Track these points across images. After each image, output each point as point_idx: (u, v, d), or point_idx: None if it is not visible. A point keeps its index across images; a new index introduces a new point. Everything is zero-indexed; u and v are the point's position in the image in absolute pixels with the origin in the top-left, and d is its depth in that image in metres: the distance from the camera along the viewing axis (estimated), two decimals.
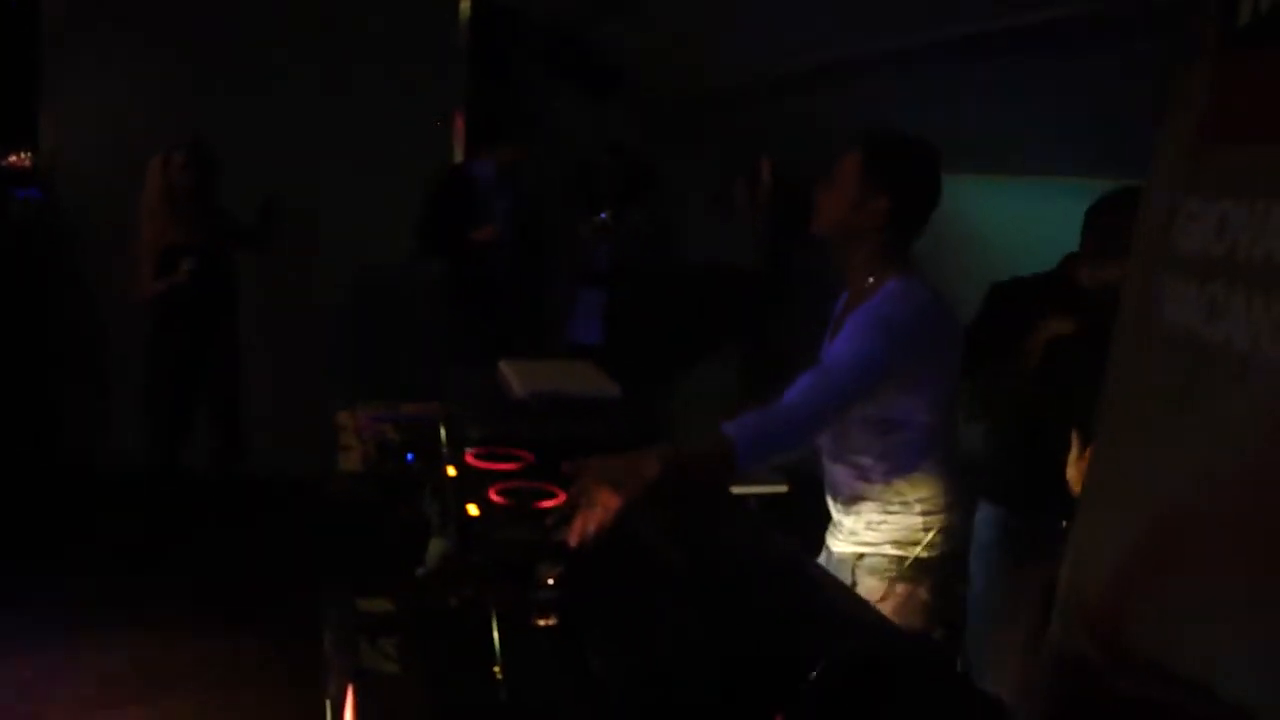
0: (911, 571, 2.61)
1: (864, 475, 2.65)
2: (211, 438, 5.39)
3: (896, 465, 2.61)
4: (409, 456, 2.87)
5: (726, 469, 2.35)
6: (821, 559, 2.80)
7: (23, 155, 6.84)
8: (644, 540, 2.31)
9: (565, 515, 2.23)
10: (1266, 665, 0.97)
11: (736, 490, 3.53)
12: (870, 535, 2.65)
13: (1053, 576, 1.42)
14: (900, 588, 2.61)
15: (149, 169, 5.08)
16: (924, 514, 2.62)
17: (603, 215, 5.51)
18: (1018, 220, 4.53)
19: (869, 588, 2.61)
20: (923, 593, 2.62)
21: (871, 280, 2.60)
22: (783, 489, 4.44)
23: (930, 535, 2.61)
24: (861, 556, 2.67)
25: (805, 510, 4.02)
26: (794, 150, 6.05)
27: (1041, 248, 3.31)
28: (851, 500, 2.69)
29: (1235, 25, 1.12)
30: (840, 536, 2.74)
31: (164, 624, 4.42)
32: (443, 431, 2.63)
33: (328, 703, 2.11)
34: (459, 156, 6.21)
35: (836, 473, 2.74)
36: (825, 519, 2.92)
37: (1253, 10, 1.06)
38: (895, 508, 2.63)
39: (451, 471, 2.52)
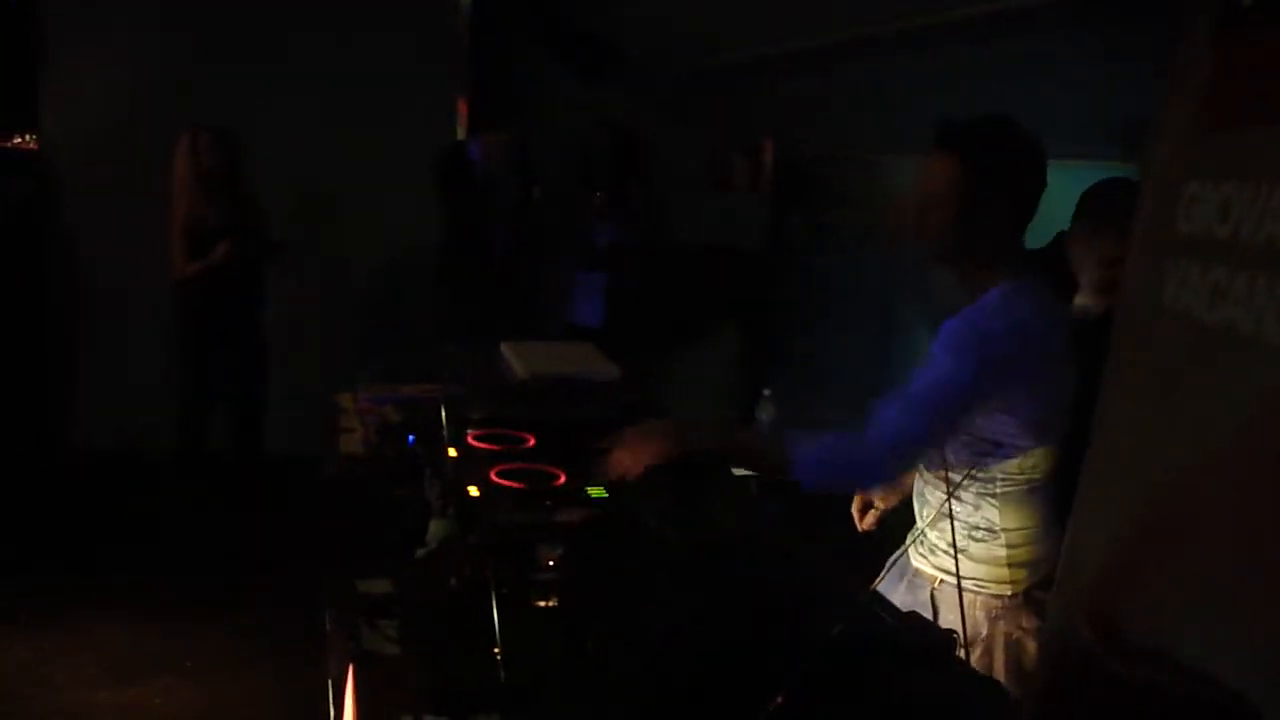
0: (999, 611, 2.38)
1: (954, 494, 2.39)
2: (230, 422, 5.41)
3: (989, 488, 2.37)
4: (410, 438, 2.87)
5: (779, 477, 2.27)
6: (898, 561, 2.55)
7: (26, 138, 6.82)
8: (643, 523, 2.31)
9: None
10: (1270, 653, 0.96)
11: (737, 472, 3.53)
12: (949, 562, 2.39)
13: None
14: (987, 629, 2.38)
15: (177, 150, 5.08)
16: (1009, 546, 2.36)
17: (597, 194, 5.52)
18: None
19: (950, 624, 2.27)
20: (1016, 633, 2.36)
21: (986, 285, 2.35)
22: None
23: (1014, 571, 2.36)
24: (940, 582, 2.45)
25: (805, 492, 4.04)
26: (793, 127, 6.05)
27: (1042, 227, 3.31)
28: (938, 517, 2.44)
29: (1239, 4, 1.11)
30: (922, 550, 2.52)
31: (165, 604, 4.43)
32: (443, 413, 2.63)
33: (329, 683, 2.12)
34: (461, 137, 6.19)
35: (926, 484, 2.53)
36: (824, 501, 2.90)
37: None
38: (980, 534, 2.39)
39: (452, 453, 2.52)
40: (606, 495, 2.38)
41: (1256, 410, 1.00)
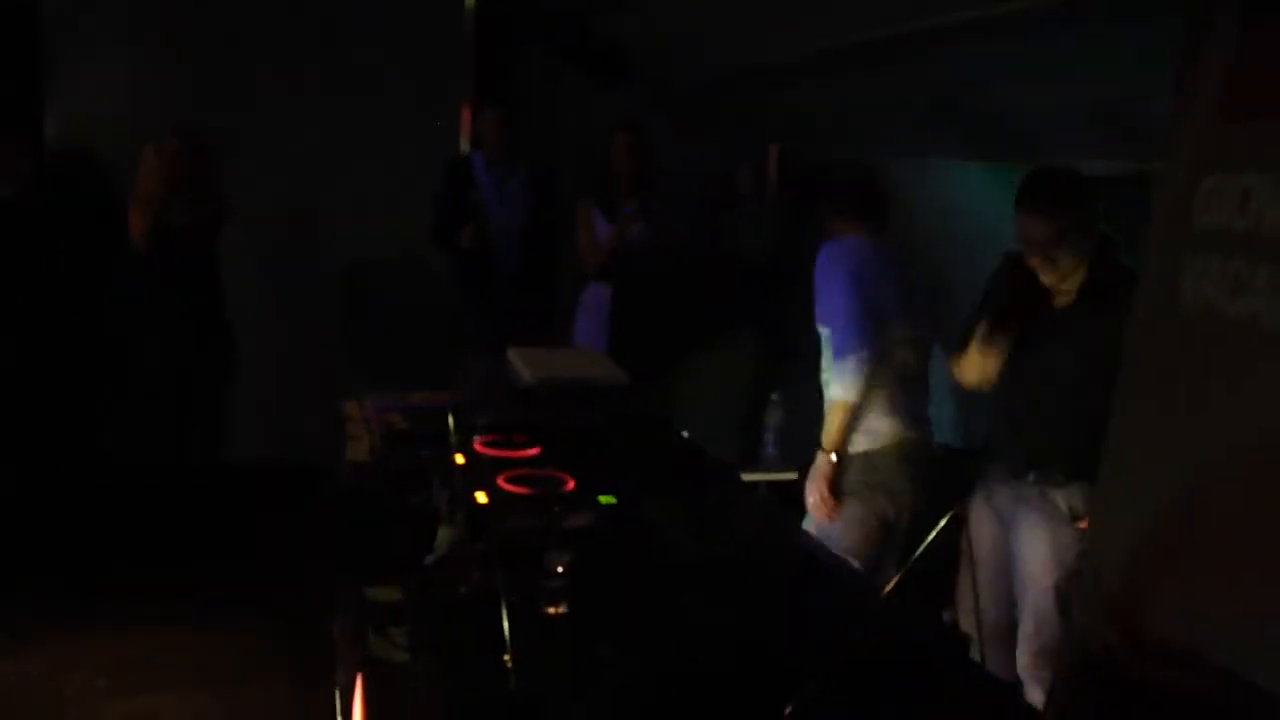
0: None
1: (826, 387, 3.59)
2: (197, 424, 5.44)
3: (837, 381, 3.51)
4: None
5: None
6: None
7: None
8: (654, 528, 2.30)
9: None
10: None
11: (747, 477, 3.53)
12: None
13: None
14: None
15: (143, 157, 5.12)
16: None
17: (628, 209, 5.33)
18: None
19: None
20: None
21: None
22: (793, 476, 4.43)
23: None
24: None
25: None
26: (800, 136, 6.03)
27: None
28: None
29: None
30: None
31: (174, 614, 4.41)
32: (451, 419, 2.61)
33: (337, 692, 2.11)
34: (466, 147, 6.18)
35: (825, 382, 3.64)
36: None
37: None
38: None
39: (460, 459, 2.51)
40: (616, 501, 2.37)
41: None
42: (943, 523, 2.57)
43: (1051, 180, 3.10)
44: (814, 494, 3.58)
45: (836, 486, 3.53)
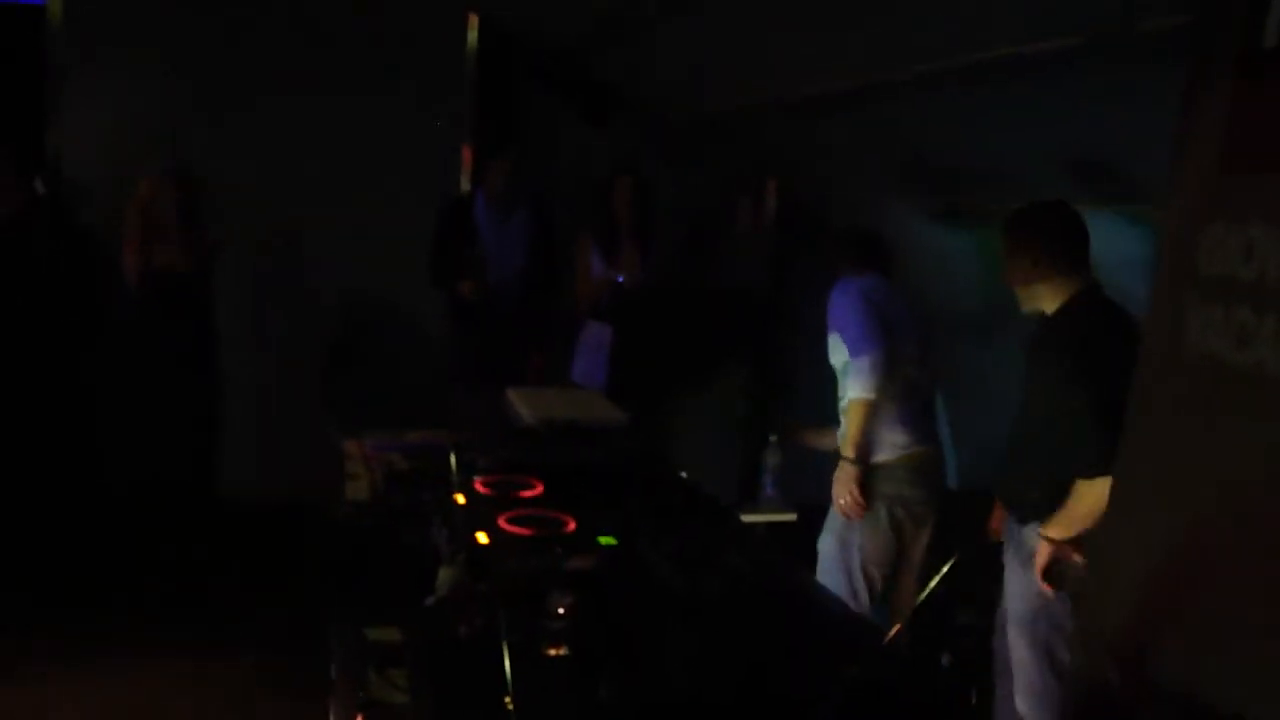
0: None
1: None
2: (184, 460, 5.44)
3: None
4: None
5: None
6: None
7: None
8: (654, 569, 2.29)
9: None
10: None
11: (746, 518, 3.53)
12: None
13: None
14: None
15: (133, 199, 5.16)
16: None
17: (620, 279, 5.35)
18: None
19: None
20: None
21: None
22: (791, 517, 4.43)
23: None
24: None
25: (813, 538, 4.02)
26: (795, 171, 6.07)
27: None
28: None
29: (1259, 48, 1.11)
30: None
31: (168, 653, 4.38)
32: (452, 459, 2.61)
33: None
34: (466, 186, 6.20)
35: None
36: None
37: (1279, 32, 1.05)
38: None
39: (461, 499, 2.50)
40: (617, 543, 2.37)
41: None
42: (945, 569, 2.57)
43: (1025, 208, 3.16)
44: (843, 496, 3.68)
45: (865, 487, 3.65)
